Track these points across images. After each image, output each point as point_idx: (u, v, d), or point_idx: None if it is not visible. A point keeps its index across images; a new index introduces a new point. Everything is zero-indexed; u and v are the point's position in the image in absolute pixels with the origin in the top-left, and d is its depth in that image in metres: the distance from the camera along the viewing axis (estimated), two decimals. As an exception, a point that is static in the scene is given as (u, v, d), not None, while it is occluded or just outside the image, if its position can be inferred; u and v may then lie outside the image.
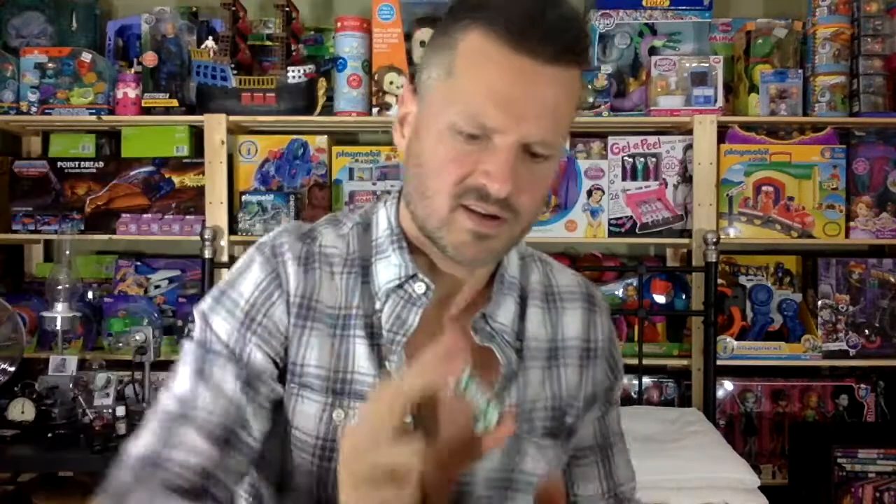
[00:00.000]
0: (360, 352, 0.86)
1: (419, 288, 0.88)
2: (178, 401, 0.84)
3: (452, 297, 0.90)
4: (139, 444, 0.82)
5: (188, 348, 0.88)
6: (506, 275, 0.93)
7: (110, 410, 2.13)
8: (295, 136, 2.54)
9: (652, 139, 2.48)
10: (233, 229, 2.46)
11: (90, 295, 2.58)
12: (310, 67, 2.44)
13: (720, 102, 2.41)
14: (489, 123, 0.78)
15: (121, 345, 2.29)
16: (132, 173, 2.55)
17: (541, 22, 0.77)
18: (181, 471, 0.79)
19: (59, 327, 2.26)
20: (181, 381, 0.85)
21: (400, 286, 0.88)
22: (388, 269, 0.88)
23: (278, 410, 0.87)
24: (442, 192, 0.80)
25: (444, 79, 0.81)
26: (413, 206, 0.86)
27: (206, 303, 0.90)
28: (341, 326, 0.87)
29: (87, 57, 2.46)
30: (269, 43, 2.50)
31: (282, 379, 0.87)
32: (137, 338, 2.24)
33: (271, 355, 0.86)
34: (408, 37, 2.40)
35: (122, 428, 2.10)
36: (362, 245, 0.91)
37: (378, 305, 0.88)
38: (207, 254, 2.37)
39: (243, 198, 2.46)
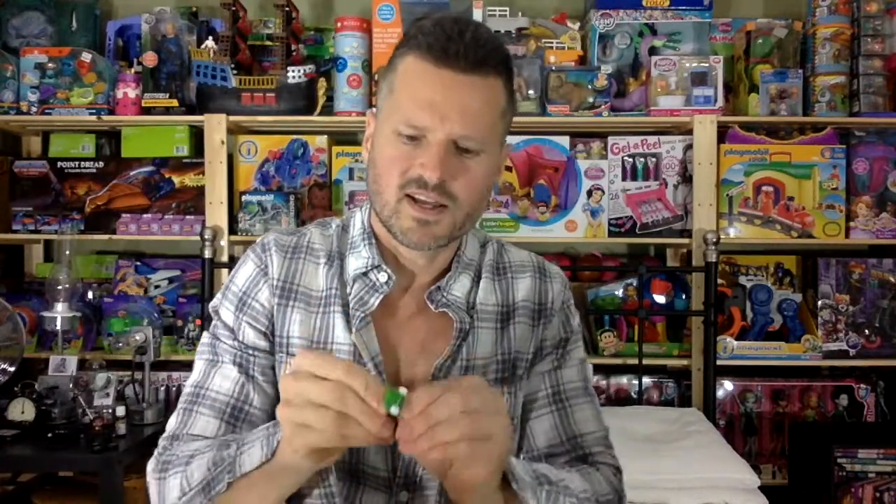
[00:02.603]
0: (338, 324, 1.04)
1: (381, 277, 1.05)
2: (194, 386, 1.05)
3: (413, 283, 1.07)
4: (169, 426, 1.04)
5: (204, 340, 1.08)
6: (463, 257, 1.09)
7: (110, 410, 2.13)
8: (295, 136, 2.54)
9: (652, 139, 2.48)
10: (233, 229, 2.46)
11: (90, 295, 2.58)
12: (310, 67, 2.44)
13: (720, 102, 2.41)
14: (419, 123, 0.95)
15: (121, 345, 2.29)
16: (132, 173, 2.55)
17: (458, 41, 0.95)
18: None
19: (59, 327, 2.26)
20: (197, 368, 1.07)
21: (365, 274, 1.05)
22: (357, 259, 1.06)
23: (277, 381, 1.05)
24: (390, 185, 0.98)
25: (388, 96, 1.00)
26: (373, 203, 1.03)
27: (217, 298, 1.10)
28: (323, 305, 1.05)
29: (87, 57, 2.46)
30: (269, 43, 2.50)
31: (273, 351, 1.06)
32: (137, 338, 2.24)
33: (262, 330, 1.05)
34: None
35: (121, 428, 2.10)
36: (341, 243, 1.09)
37: (348, 289, 1.05)
38: (207, 254, 2.37)
39: (243, 198, 2.46)
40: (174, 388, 2.55)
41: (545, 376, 1.11)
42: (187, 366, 2.52)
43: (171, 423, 1.04)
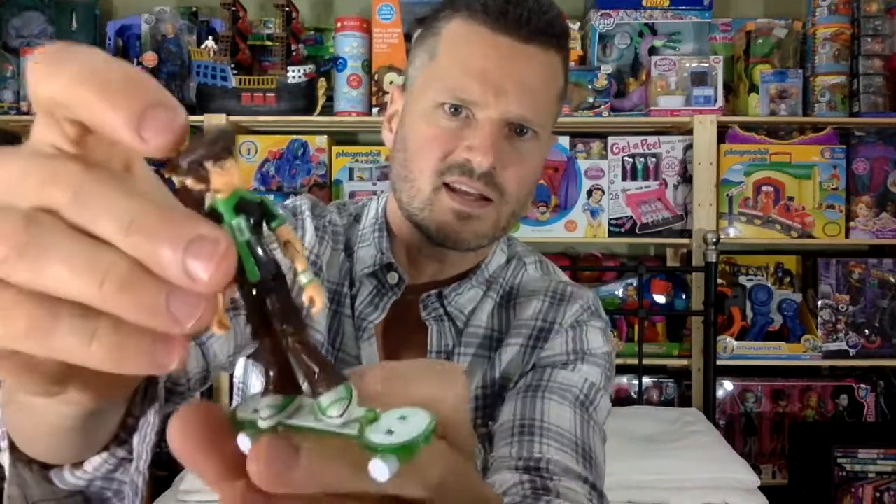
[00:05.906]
0: (349, 332, 0.89)
1: (392, 279, 0.89)
2: None
3: (428, 284, 0.91)
4: None
5: None
6: (486, 269, 0.94)
7: (110, 410, 2.13)
8: (295, 136, 2.54)
9: (652, 139, 2.48)
10: (233, 229, 2.46)
11: (90, 295, 2.57)
12: (310, 67, 2.44)
13: (720, 102, 2.41)
14: (468, 96, 0.80)
15: (121, 345, 2.28)
16: (132, 173, 2.55)
17: (520, 4, 0.81)
18: None
19: (59, 327, 2.26)
20: None
21: (374, 274, 0.90)
22: (367, 256, 0.90)
23: None
24: (426, 170, 0.82)
25: (428, 63, 0.84)
26: (399, 193, 0.86)
27: None
28: (337, 303, 0.90)
29: (87, 57, 2.45)
30: (269, 43, 2.50)
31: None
32: (137, 338, 2.24)
33: None
34: (408, 37, 2.40)
35: (122, 428, 2.10)
36: (351, 234, 0.94)
37: (354, 290, 0.90)
38: (207, 254, 2.37)
39: (243, 198, 2.46)
40: (174, 388, 2.54)
41: (527, 375, 0.88)
42: (187, 366, 2.52)
43: None
